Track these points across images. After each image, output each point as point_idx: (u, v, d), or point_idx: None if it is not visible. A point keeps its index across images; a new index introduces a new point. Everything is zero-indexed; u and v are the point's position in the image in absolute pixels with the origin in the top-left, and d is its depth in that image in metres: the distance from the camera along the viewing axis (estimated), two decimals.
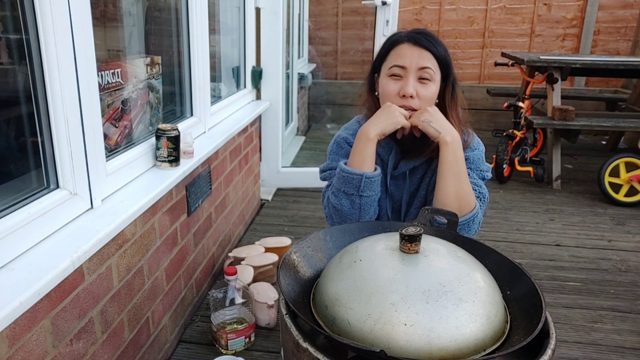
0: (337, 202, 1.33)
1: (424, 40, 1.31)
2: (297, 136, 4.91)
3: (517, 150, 3.74)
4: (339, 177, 1.32)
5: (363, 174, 1.28)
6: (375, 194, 1.32)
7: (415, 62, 1.30)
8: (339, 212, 1.34)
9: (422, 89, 1.32)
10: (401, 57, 1.32)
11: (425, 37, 1.32)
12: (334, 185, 1.35)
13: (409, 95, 1.31)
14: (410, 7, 5.44)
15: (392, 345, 0.80)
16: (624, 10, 5.23)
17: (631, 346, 1.86)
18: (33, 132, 1.19)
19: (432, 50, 1.31)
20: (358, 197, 1.30)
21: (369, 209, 1.33)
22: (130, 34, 1.85)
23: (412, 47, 1.31)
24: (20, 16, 1.11)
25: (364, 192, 1.29)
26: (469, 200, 1.27)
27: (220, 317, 1.76)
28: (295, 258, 1.06)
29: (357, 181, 1.29)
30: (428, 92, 1.32)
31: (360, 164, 1.30)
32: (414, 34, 1.33)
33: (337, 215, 1.35)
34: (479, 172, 1.40)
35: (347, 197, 1.31)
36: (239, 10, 2.85)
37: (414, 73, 1.31)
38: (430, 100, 1.34)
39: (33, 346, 1.02)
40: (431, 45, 1.31)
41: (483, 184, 1.39)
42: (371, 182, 1.30)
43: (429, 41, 1.32)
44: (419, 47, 1.31)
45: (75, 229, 1.22)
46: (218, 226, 2.25)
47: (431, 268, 0.89)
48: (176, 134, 1.67)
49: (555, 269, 2.45)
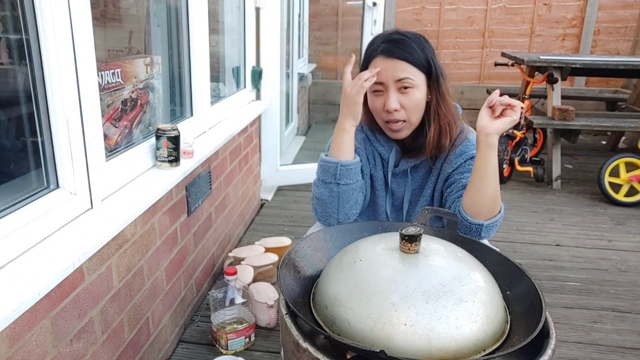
0: (318, 191, 1.37)
1: (396, 50, 1.29)
2: (297, 136, 4.91)
3: (517, 150, 3.74)
4: (319, 166, 1.37)
5: (339, 162, 1.32)
6: (354, 182, 1.34)
7: (390, 76, 1.29)
8: (320, 201, 1.37)
9: (405, 99, 1.31)
10: (378, 74, 1.30)
11: (396, 45, 1.29)
12: (316, 177, 1.39)
13: (392, 109, 1.30)
14: (410, 7, 5.44)
15: (392, 345, 0.80)
16: (624, 10, 5.22)
17: (631, 346, 1.86)
18: (33, 132, 1.19)
19: (405, 58, 1.28)
20: (336, 185, 1.33)
21: (348, 198, 1.34)
22: (130, 33, 1.85)
23: (386, 60, 1.29)
24: (20, 16, 1.11)
25: (340, 179, 1.32)
26: (499, 201, 1.27)
27: (220, 317, 1.76)
28: (295, 258, 1.06)
29: (334, 169, 1.32)
30: (412, 100, 1.31)
31: (338, 154, 1.34)
32: (386, 44, 1.30)
33: (319, 205, 1.38)
34: None
35: (325, 185, 1.34)
36: (238, 10, 2.85)
37: (393, 86, 1.30)
38: (416, 107, 1.32)
39: (33, 346, 1.02)
40: (404, 53, 1.28)
41: None
42: (347, 170, 1.32)
43: (401, 49, 1.29)
44: (392, 59, 1.29)
45: (75, 229, 1.22)
46: (218, 226, 2.25)
47: (431, 268, 0.89)
48: (176, 134, 1.67)
49: (555, 269, 2.45)
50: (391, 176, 1.45)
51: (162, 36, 2.02)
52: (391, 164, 1.43)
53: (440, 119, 1.35)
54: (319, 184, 1.37)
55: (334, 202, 1.34)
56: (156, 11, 2.02)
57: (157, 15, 2.01)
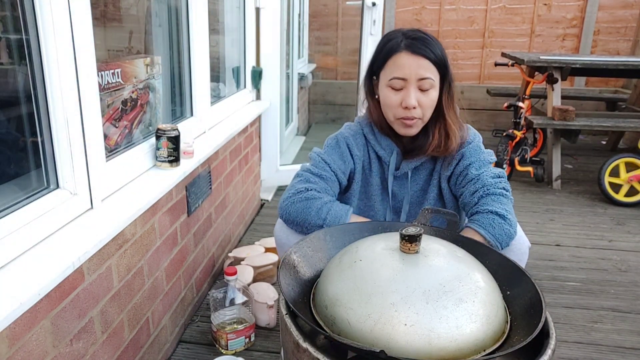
0: (293, 207, 1.35)
1: (421, 47, 1.30)
2: (297, 136, 4.91)
3: (517, 150, 3.74)
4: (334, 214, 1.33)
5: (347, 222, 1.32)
6: None
7: (415, 74, 1.30)
8: (291, 223, 1.37)
9: (423, 97, 1.32)
10: (401, 69, 1.31)
11: (422, 42, 1.30)
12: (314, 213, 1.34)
13: (411, 107, 1.31)
14: (410, 7, 5.44)
15: (392, 346, 0.80)
16: (624, 10, 5.22)
17: (631, 346, 1.86)
18: (33, 132, 1.19)
19: (430, 57, 1.30)
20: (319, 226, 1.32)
21: None
22: (130, 33, 1.85)
23: (410, 56, 1.30)
24: (20, 16, 1.11)
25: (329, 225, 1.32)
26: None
27: (220, 317, 1.76)
28: (295, 258, 1.06)
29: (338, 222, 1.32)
30: (429, 100, 1.32)
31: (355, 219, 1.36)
32: (412, 41, 1.31)
33: (290, 221, 1.37)
34: (480, 162, 1.38)
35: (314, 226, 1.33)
36: (238, 10, 2.85)
37: (415, 84, 1.31)
38: (431, 107, 1.34)
39: (33, 346, 1.02)
40: (429, 52, 1.30)
41: (499, 179, 1.36)
42: None
43: (426, 47, 1.30)
44: (418, 56, 1.30)
45: (75, 229, 1.22)
46: (218, 226, 2.25)
47: (431, 268, 0.89)
48: (176, 134, 1.67)
49: (555, 269, 2.45)
50: (393, 179, 1.45)
51: (162, 36, 2.02)
52: (392, 167, 1.43)
53: (446, 121, 1.37)
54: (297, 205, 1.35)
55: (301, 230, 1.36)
56: (156, 11, 2.02)
57: (157, 15, 2.01)
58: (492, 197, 1.31)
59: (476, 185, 1.34)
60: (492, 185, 1.33)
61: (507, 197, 1.32)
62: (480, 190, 1.33)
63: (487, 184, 1.33)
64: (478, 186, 1.34)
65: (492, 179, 1.35)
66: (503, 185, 1.34)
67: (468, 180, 1.36)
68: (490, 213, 1.28)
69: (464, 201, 1.37)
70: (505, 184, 1.36)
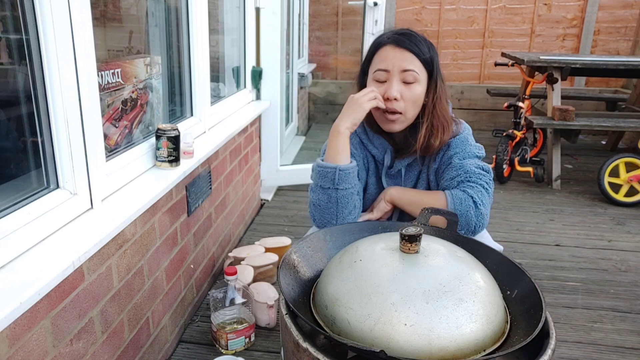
0: (315, 197, 1.36)
1: (406, 41, 1.31)
2: (297, 136, 4.91)
3: (517, 150, 3.74)
4: (315, 172, 1.36)
5: (337, 166, 1.31)
6: (352, 187, 1.34)
7: (397, 65, 1.31)
8: (318, 207, 1.35)
9: (406, 91, 1.32)
10: (384, 61, 1.32)
11: (407, 38, 1.32)
12: (312, 182, 1.38)
13: (392, 97, 1.31)
14: (410, 7, 5.44)
15: (392, 345, 0.80)
16: (624, 10, 5.23)
17: (631, 346, 1.86)
18: (33, 132, 1.19)
19: (414, 51, 1.31)
20: (334, 190, 1.32)
21: (347, 203, 1.33)
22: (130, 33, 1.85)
23: (394, 49, 1.31)
24: (20, 16, 1.11)
25: (339, 184, 1.31)
26: None
27: (220, 317, 1.76)
28: (295, 258, 1.06)
29: (332, 174, 1.31)
30: (412, 94, 1.32)
31: (334, 158, 1.33)
32: (397, 35, 1.33)
33: (317, 212, 1.36)
34: (465, 153, 1.37)
35: (323, 191, 1.33)
36: (238, 10, 2.85)
37: (397, 75, 1.31)
38: (415, 101, 1.34)
39: (33, 346, 1.02)
40: (414, 46, 1.31)
41: (484, 172, 1.35)
42: (345, 174, 1.31)
43: (411, 42, 1.31)
44: (401, 49, 1.31)
45: (75, 229, 1.22)
46: (218, 226, 2.25)
47: (431, 268, 0.89)
48: (176, 134, 1.67)
49: (555, 269, 2.45)
50: (386, 177, 1.46)
51: (162, 36, 2.02)
52: (386, 165, 1.44)
53: (433, 121, 1.37)
54: (316, 189, 1.35)
55: (332, 208, 1.33)
56: (156, 11, 2.02)
57: (157, 15, 2.01)
58: (471, 184, 1.31)
59: (458, 171, 1.34)
60: (474, 174, 1.33)
61: (487, 192, 1.32)
62: (461, 176, 1.33)
63: (469, 171, 1.33)
64: (460, 172, 1.33)
65: (476, 168, 1.34)
66: (486, 180, 1.33)
67: (450, 168, 1.36)
68: (465, 193, 1.29)
69: (443, 185, 1.37)
70: (489, 180, 1.35)
